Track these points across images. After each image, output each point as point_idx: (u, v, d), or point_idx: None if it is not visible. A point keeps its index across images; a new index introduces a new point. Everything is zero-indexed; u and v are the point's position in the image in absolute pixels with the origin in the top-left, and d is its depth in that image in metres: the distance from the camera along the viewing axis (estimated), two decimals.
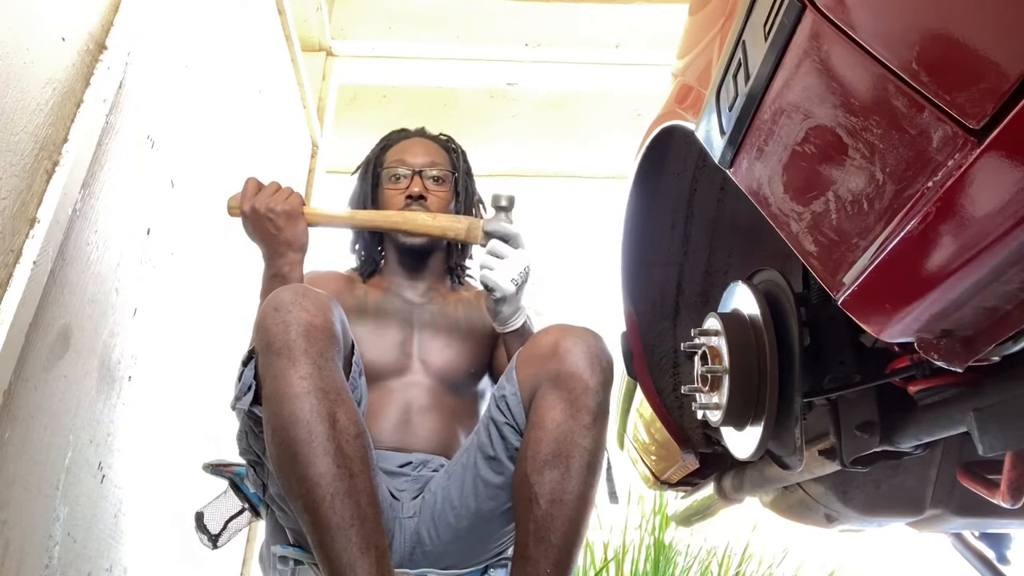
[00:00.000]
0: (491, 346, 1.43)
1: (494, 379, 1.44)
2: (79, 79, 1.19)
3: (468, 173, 1.53)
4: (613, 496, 1.25)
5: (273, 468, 0.97)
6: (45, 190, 1.11)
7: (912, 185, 0.42)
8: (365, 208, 1.45)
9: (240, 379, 1.03)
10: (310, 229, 1.27)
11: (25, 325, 1.06)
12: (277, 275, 1.23)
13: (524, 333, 1.28)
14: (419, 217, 1.30)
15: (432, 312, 1.42)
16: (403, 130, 1.57)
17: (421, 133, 1.55)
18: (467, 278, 1.56)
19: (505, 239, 1.19)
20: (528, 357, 1.11)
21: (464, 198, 1.50)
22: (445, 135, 1.57)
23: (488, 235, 1.22)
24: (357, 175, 1.53)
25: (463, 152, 1.55)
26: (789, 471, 0.89)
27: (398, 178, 1.43)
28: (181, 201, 1.57)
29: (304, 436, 0.92)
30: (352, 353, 1.09)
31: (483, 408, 1.40)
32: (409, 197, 1.40)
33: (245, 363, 1.03)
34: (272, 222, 1.22)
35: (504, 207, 1.23)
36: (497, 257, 1.18)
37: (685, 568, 2.81)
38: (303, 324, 0.97)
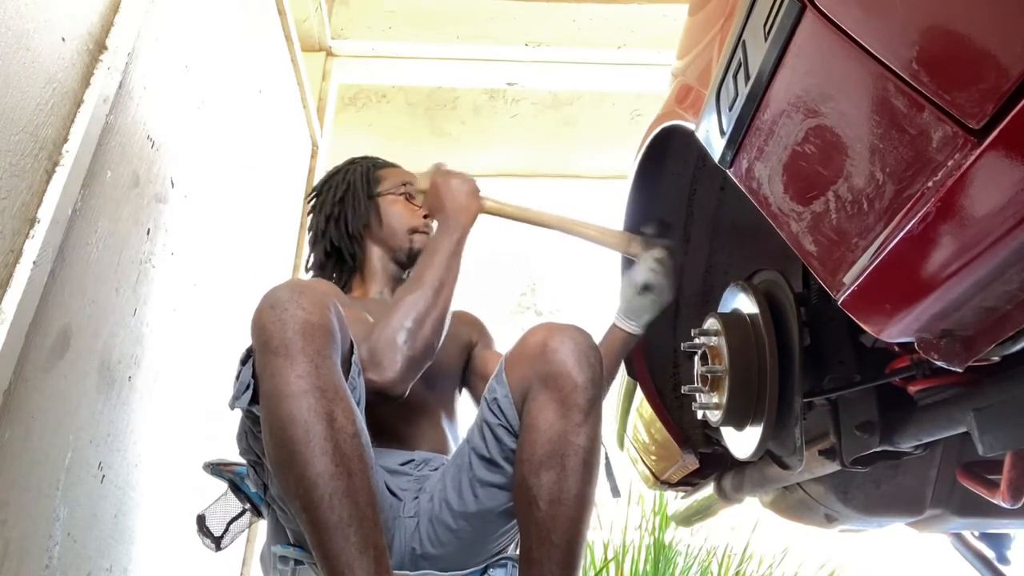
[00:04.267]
0: (466, 355, 1.51)
1: (463, 386, 1.52)
2: (79, 79, 1.19)
3: None
4: (615, 491, 1.25)
5: (271, 467, 0.97)
6: (45, 190, 1.11)
7: (912, 185, 0.42)
8: (366, 227, 1.52)
9: (239, 378, 1.03)
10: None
11: (25, 325, 1.06)
12: (451, 235, 1.30)
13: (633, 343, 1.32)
14: (587, 224, 1.36)
15: None
16: (378, 158, 1.65)
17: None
18: None
19: (672, 254, 1.26)
20: (517, 358, 1.12)
21: None
22: None
23: (656, 249, 1.26)
24: (336, 183, 1.56)
25: None
26: (789, 471, 0.89)
27: (412, 196, 1.52)
28: (181, 201, 1.57)
29: (302, 435, 0.92)
30: (352, 352, 1.09)
31: (460, 410, 1.48)
32: (427, 216, 1.49)
33: (243, 361, 1.03)
34: (459, 189, 1.34)
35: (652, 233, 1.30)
36: (664, 267, 1.25)
37: (685, 568, 2.81)
38: (300, 322, 0.96)
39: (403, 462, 1.26)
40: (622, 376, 1.40)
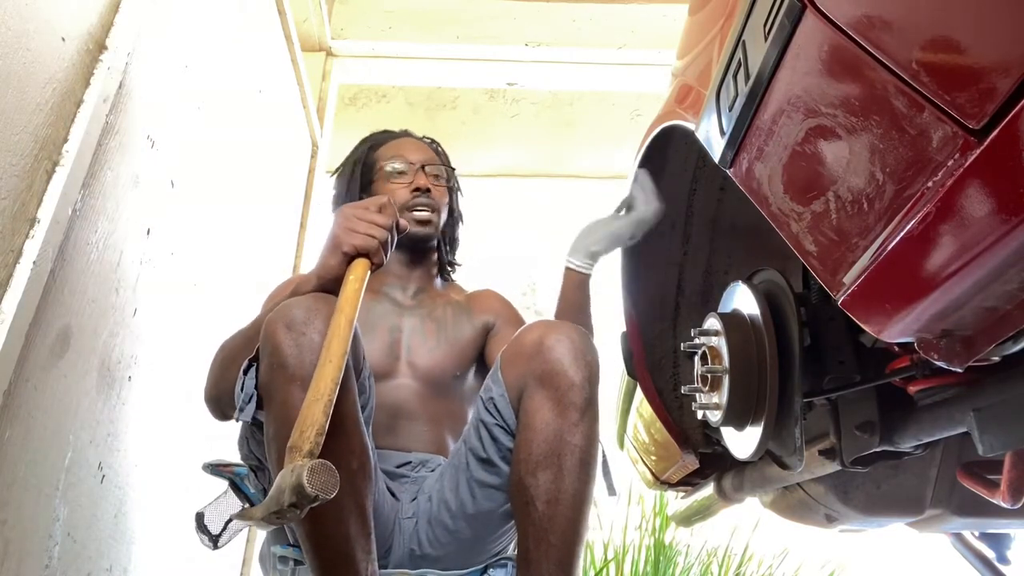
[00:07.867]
0: (479, 347, 1.43)
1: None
2: (79, 79, 1.19)
3: (454, 172, 1.60)
4: (611, 489, 1.25)
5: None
6: (45, 190, 1.11)
7: (912, 185, 0.42)
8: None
9: (243, 389, 1.02)
10: None
11: (25, 325, 1.06)
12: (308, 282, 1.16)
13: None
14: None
15: (421, 315, 1.42)
16: (387, 131, 1.60)
17: (408, 134, 1.58)
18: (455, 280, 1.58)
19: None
20: (513, 356, 1.11)
21: (452, 198, 1.56)
22: (428, 137, 1.61)
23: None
24: (338, 177, 1.55)
25: (447, 154, 1.61)
26: (789, 471, 0.89)
27: (400, 172, 1.46)
28: (181, 201, 1.57)
29: None
30: (363, 359, 1.08)
31: (469, 409, 1.39)
32: (416, 190, 1.43)
33: (245, 371, 1.02)
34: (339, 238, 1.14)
35: None
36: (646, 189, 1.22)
37: (685, 568, 2.81)
38: (317, 351, 0.94)
39: (400, 464, 1.26)
40: (622, 376, 1.40)
